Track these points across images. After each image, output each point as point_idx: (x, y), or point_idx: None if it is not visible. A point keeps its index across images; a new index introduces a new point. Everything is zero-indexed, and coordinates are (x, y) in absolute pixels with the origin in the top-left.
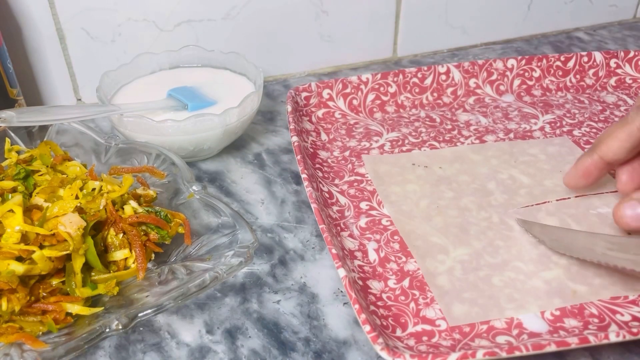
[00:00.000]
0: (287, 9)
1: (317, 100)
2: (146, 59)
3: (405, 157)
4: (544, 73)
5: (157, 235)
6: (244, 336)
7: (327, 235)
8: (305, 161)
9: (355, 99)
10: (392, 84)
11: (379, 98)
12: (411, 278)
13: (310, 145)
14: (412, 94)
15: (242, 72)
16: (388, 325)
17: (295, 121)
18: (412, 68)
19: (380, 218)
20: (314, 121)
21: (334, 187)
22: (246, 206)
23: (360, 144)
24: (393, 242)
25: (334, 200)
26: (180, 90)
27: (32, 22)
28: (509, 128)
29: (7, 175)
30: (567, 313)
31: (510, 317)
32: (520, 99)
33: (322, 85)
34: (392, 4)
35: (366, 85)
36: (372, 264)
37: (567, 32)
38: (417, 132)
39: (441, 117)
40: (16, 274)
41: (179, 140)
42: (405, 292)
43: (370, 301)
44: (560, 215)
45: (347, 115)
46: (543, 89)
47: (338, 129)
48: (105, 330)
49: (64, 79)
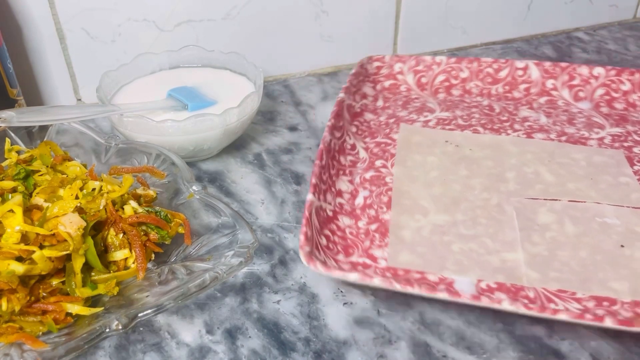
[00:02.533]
0: (287, 9)
1: (388, 71)
2: (146, 59)
3: (441, 134)
4: (635, 88)
5: (157, 235)
6: (244, 336)
7: (317, 166)
8: (341, 113)
9: (424, 77)
10: (464, 70)
11: (448, 80)
12: (380, 225)
13: (359, 106)
14: (483, 83)
15: (242, 72)
16: (334, 249)
17: (354, 83)
18: (489, 58)
19: (386, 175)
20: (377, 89)
21: (362, 142)
22: (246, 206)
23: (409, 116)
24: (384, 196)
25: (353, 152)
26: (180, 90)
27: (32, 22)
28: (566, 132)
29: (7, 175)
30: (502, 288)
31: (446, 276)
32: (597, 109)
33: (396, 58)
34: (392, 4)
35: (439, 66)
36: (353, 205)
37: (567, 32)
38: (469, 116)
39: (502, 109)
40: (16, 274)
41: (179, 140)
42: (368, 232)
43: (331, 229)
44: (562, 214)
45: (411, 90)
46: (628, 103)
47: (396, 100)
48: (105, 330)
49: (64, 79)
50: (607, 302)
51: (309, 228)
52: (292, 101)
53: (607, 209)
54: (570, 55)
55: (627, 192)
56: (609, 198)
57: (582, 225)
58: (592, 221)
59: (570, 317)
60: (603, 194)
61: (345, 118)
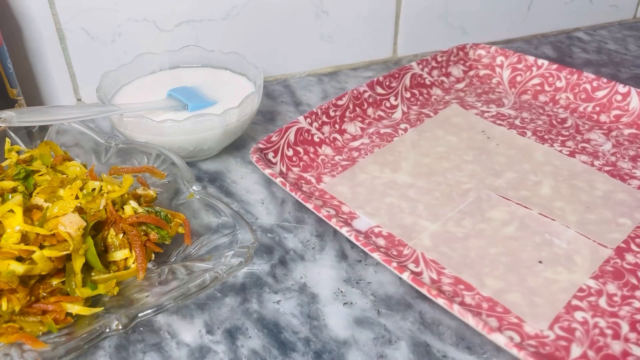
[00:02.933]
0: (287, 9)
1: (489, 61)
2: (146, 59)
3: (482, 124)
4: None
5: (157, 235)
6: (244, 336)
7: (330, 102)
8: (401, 78)
9: (520, 75)
10: (562, 79)
11: (542, 85)
12: (351, 163)
13: (433, 80)
14: (575, 97)
15: (242, 72)
16: (296, 161)
17: (440, 60)
18: (592, 74)
19: (399, 136)
20: (469, 74)
21: (406, 107)
22: (246, 206)
23: (475, 103)
24: (377, 148)
25: (390, 110)
26: (180, 91)
27: (32, 22)
28: (618, 164)
29: (7, 175)
30: (389, 239)
31: (356, 213)
32: None
33: (500, 52)
34: (392, 4)
35: (538, 69)
36: (345, 145)
37: (567, 32)
38: (532, 120)
39: (574, 125)
40: (16, 274)
41: (179, 141)
42: (335, 164)
43: (306, 149)
44: (516, 219)
45: (500, 84)
46: None
47: (477, 88)
48: (105, 330)
49: (64, 79)
50: (462, 285)
51: (278, 135)
52: (292, 101)
53: (568, 233)
54: (570, 56)
55: (611, 230)
56: (584, 227)
57: (524, 232)
58: (538, 234)
59: (410, 280)
60: (581, 222)
61: (404, 83)
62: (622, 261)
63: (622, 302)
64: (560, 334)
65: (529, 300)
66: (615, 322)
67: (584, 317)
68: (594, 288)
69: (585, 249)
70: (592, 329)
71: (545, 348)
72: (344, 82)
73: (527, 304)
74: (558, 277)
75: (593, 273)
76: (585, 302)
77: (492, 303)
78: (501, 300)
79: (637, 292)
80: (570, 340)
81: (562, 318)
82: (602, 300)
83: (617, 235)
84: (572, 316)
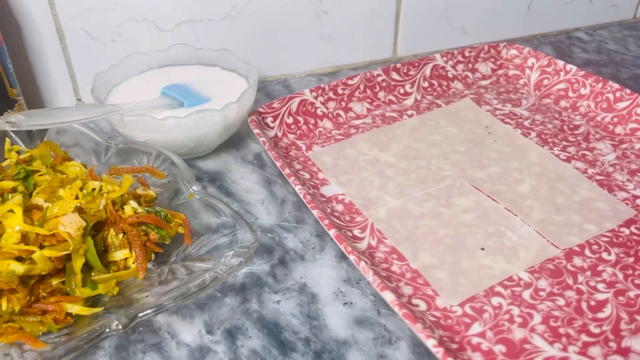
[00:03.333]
0: (287, 9)
1: (521, 62)
2: (136, 58)
3: (489, 119)
4: None
5: (157, 235)
6: (244, 336)
7: (340, 81)
8: (420, 67)
9: (547, 79)
10: (587, 86)
11: (566, 90)
12: (343, 138)
13: (458, 73)
14: (595, 106)
15: (232, 68)
16: (294, 128)
17: (467, 55)
18: (616, 83)
19: (401, 120)
20: (498, 73)
21: (420, 95)
22: (246, 206)
23: (491, 100)
24: (377, 128)
25: (402, 96)
26: (173, 88)
27: (32, 22)
28: (612, 175)
29: (7, 175)
30: (349, 208)
31: (325, 178)
32: None
33: (533, 53)
34: (392, 4)
35: (566, 74)
36: (346, 121)
37: (567, 32)
38: (542, 124)
39: (586, 133)
40: (16, 274)
41: (180, 137)
42: (330, 136)
43: (307, 119)
44: (479, 209)
45: (526, 86)
46: None
47: (500, 87)
48: (105, 330)
49: (64, 79)
50: (396, 255)
51: (280, 102)
52: None
53: (524, 229)
54: (570, 55)
55: (570, 234)
56: (544, 227)
57: (481, 221)
58: (494, 225)
59: (335, 237)
60: (544, 222)
61: (423, 73)
62: (567, 262)
63: (546, 297)
64: (468, 312)
65: (453, 279)
66: (529, 313)
67: (499, 302)
68: (525, 280)
69: (535, 245)
70: (502, 315)
71: (447, 321)
72: None
73: (450, 282)
74: (493, 265)
75: (530, 267)
76: (508, 291)
77: (416, 275)
78: (425, 274)
79: (569, 292)
80: (475, 319)
81: (478, 300)
82: (526, 292)
83: (574, 238)
84: (488, 300)
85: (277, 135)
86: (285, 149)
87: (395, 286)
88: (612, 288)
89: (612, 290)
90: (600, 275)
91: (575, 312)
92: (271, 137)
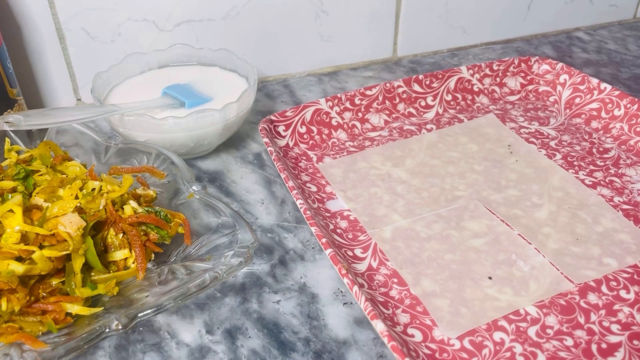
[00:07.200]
0: (287, 9)
1: (552, 78)
2: (136, 58)
3: (512, 138)
4: None
5: (157, 235)
6: (244, 336)
7: (357, 91)
8: (445, 79)
9: (580, 97)
10: (621, 107)
11: (599, 111)
12: (357, 151)
13: (485, 88)
14: (629, 128)
15: (232, 68)
16: (307, 138)
17: (496, 69)
18: None
19: (420, 135)
20: (528, 88)
21: (442, 109)
22: (246, 206)
23: (517, 117)
24: (392, 142)
25: (423, 109)
26: (175, 88)
27: (32, 22)
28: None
29: (7, 175)
30: (352, 224)
31: (331, 193)
32: None
33: (566, 69)
34: (392, 4)
35: (600, 93)
36: (361, 132)
37: (567, 32)
38: (569, 145)
39: (616, 157)
40: (16, 274)
41: (180, 137)
42: (342, 148)
43: (320, 129)
44: (491, 234)
45: (556, 104)
46: None
47: (528, 104)
48: (105, 330)
49: (64, 79)
50: (396, 279)
51: (294, 111)
52: (292, 101)
53: (537, 259)
54: (570, 55)
55: (588, 267)
56: (559, 258)
57: (491, 247)
58: (505, 253)
59: (330, 257)
60: (560, 252)
61: (447, 86)
62: (581, 298)
63: (553, 336)
64: (467, 347)
65: (454, 309)
66: (532, 352)
67: (502, 338)
68: (532, 315)
69: (547, 278)
70: (503, 352)
71: (443, 354)
72: (343, 82)
73: (451, 312)
74: (499, 297)
75: (540, 301)
76: (513, 326)
77: (415, 302)
78: (425, 302)
79: (579, 331)
80: (473, 354)
81: (478, 333)
82: (532, 329)
83: (591, 272)
84: (490, 334)
85: (288, 145)
86: (294, 159)
87: (392, 313)
88: (627, 330)
89: (626, 333)
90: (616, 315)
91: (583, 354)
92: (281, 147)
